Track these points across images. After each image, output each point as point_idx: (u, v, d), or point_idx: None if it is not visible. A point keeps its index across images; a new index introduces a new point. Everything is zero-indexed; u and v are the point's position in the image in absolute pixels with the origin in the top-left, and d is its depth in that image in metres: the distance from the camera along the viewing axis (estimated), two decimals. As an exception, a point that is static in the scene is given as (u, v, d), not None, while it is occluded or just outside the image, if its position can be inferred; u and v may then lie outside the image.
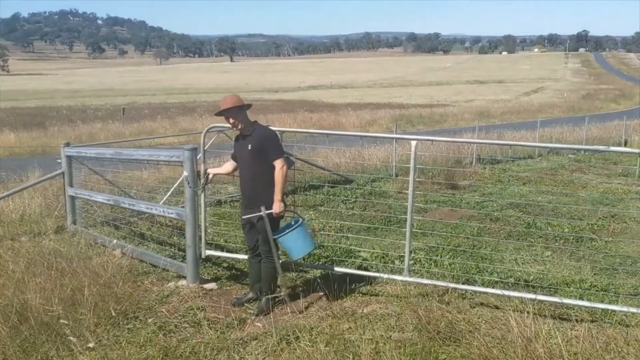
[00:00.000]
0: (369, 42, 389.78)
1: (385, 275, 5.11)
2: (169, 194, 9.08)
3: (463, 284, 5.40)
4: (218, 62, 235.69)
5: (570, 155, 17.58)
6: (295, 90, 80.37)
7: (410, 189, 4.72)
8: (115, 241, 6.71)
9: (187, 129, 23.43)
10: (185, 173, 5.13)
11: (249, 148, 4.77)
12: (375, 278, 5.47)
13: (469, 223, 8.91)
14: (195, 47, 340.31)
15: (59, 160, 7.80)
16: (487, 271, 6.16)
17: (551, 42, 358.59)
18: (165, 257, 5.78)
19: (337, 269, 5.38)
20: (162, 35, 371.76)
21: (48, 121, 26.27)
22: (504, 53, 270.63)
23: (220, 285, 5.54)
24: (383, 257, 6.65)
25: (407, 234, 4.95)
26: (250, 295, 5.12)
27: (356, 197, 10.42)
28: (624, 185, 12.39)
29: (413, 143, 4.63)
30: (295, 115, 30.34)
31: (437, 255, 6.81)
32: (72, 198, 7.69)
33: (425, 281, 4.96)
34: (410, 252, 6.65)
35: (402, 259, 6.64)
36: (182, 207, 5.46)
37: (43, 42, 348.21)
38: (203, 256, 5.57)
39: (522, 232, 8.26)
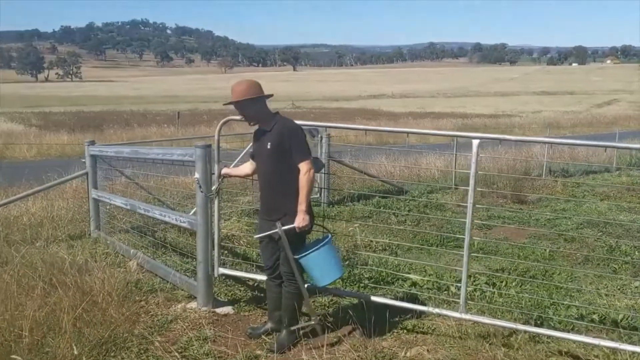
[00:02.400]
0: (433, 52, 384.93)
1: (435, 310, 4.07)
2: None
3: (535, 323, 4.31)
4: (281, 71, 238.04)
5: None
6: (355, 99, 79.54)
7: (470, 201, 3.72)
8: (132, 251, 5.99)
9: (240, 132, 22.97)
10: (196, 174, 4.30)
11: (268, 146, 3.87)
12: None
13: (539, 243, 7.75)
14: (259, 57, 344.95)
15: (83, 160, 7.19)
16: (562, 304, 5.05)
17: (625, 53, 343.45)
18: (176, 272, 4.97)
19: (374, 298, 4.38)
20: (228, 45, 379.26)
21: (106, 124, 26.41)
22: (574, 64, 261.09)
23: (238, 309, 4.65)
24: (436, 283, 5.63)
25: (465, 258, 3.94)
26: (269, 325, 4.22)
27: (409, 210, 9.39)
28: None
29: (475, 142, 3.62)
30: (352, 122, 29.43)
31: (501, 283, 5.72)
32: (96, 201, 7.05)
33: (485, 320, 3.90)
34: (469, 278, 5.66)
35: (458, 286, 5.62)
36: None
37: (115, 50, 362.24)
38: (216, 275, 4.72)
39: (602, 257, 7.04)
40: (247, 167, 4.31)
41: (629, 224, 8.66)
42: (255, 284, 5.31)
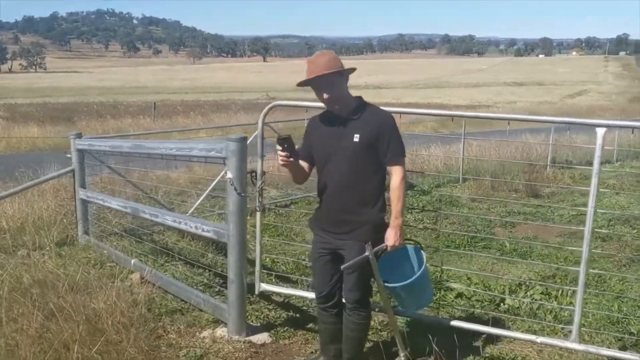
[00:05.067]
0: (402, 44, 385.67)
1: (547, 341, 3.29)
2: (200, 199, 7.49)
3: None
4: (251, 62, 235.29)
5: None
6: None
7: (591, 205, 2.98)
8: (134, 261, 5.13)
9: (220, 124, 22.01)
10: (229, 174, 3.48)
11: (356, 139, 3.03)
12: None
13: (573, 243, 7.12)
14: (228, 47, 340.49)
15: (69, 155, 6.27)
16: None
17: (589, 45, 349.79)
18: (198, 292, 4.14)
19: (458, 323, 3.57)
20: (196, 35, 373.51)
21: (77, 116, 25.09)
22: (540, 56, 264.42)
23: (275, 336, 3.85)
24: (487, 294, 4.91)
25: (579, 293, 3.14)
26: (322, 360, 3.44)
27: (423, 206, 8.69)
28: None
29: (600, 131, 2.89)
30: (288, 109, 28.60)
31: (558, 293, 5.02)
32: (84, 202, 6.16)
33: (609, 352, 3.09)
34: (519, 286, 4.98)
35: (513, 293, 4.90)
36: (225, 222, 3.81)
37: (80, 41, 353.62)
38: (257, 292, 3.92)
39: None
40: (303, 167, 3.32)
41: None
42: (286, 300, 4.53)
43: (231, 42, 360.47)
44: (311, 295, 3.71)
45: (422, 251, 3.31)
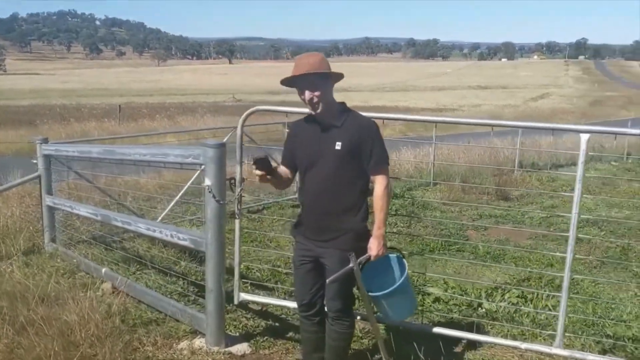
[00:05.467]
0: (368, 47, 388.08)
1: (535, 347, 3.27)
2: (170, 205, 7.34)
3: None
4: (216, 64, 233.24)
5: (612, 163, 15.90)
6: (295, 92, 78.53)
7: (575, 211, 2.99)
8: (104, 270, 4.98)
9: (187, 128, 21.71)
10: (207, 181, 3.38)
11: (338, 147, 2.97)
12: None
13: (544, 245, 7.21)
14: (193, 49, 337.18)
15: (35, 161, 6.06)
16: (625, 324, 4.43)
17: (550, 49, 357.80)
18: (175, 302, 4.02)
19: (442, 330, 3.54)
20: (161, 37, 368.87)
21: (39, 119, 24.41)
22: (503, 60, 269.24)
23: (255, 345, 3.76)
24: (465, 299, 4.91)
25: (563, 300, 3.13)
26: (305, 370, 3.36)
27: (396, 209, 8.68)
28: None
29: (584, 137, 2.89)
30: (268, 115, 28.52)
31: (534, 296, 5.05)
32: (51, 209, 5.96)
33: (592, 357, 3.10)
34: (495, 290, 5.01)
35: (490, 297, 4.92)
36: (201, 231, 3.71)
37: (41, 42, 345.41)
38: (236, 302, 3.82)
39: (619, 259, 6.56)
40: (285, 173, 3.26)
41: (627, 222, 8.27)
42: (264, 309, 4.44)
43: (196, 44, 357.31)
44: (292, 304, 3.63)
45: (403, 260, 3.29)
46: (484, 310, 4.69)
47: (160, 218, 6.95)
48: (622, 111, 55.84)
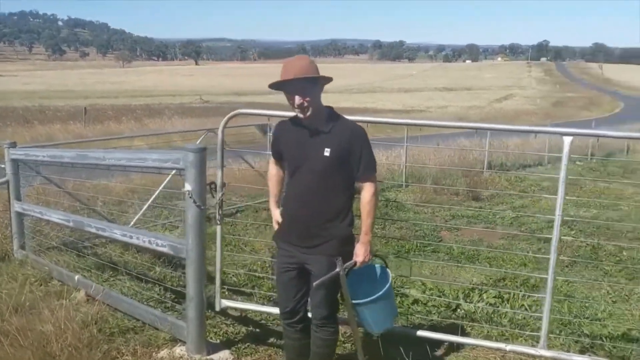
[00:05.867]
0: (335, 49, 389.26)
1: (515, 348, 3.30)
2: (142, 210, 7.20)
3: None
4: (182, 65, 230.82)
5: (578, 163, 16.27)
6: (264, 93, 78.25)
7: (558, 213, 3.02)
8: (77, 277, 4.85)
9: (156, 130, 21.40)
10: (187, 186, 3.32)
11: (326, 153, 2.93)
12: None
13: (516, 245, 7.32)
14: (159, 50, 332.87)
15: (2, 166, 5.88)
16: (598, 322, 4.51)
17: (513, 51, 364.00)
18: (153, 310, 3.94)
19: (425, 334, 3.54)
20: (125, 38, 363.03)
21: (2, 121, 23.75)
22: (467, 61, 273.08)
23: (237, 353, 3.70)
24: (444, 301, 4.94)
25: (547, 300, 3.15)
26: (288, 376, 3.32)
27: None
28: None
29: (567, 140, 2.93)
30: (252, 118, 28.40)
31: (510, 296, 5.10)
32: (20, 215, 5.78)
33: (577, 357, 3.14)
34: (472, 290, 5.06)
35: (468, 298, 4.97)
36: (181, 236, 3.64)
37: (2, 43, 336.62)
38: (218, 309, 3.76)
39: (589, 258, 6.69)
40: (278, 180, 3.31)
41: (595, 222, 8.45)
42: (243, 315, 4.39)
43: (162, 45, 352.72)
44: (275, 310, 3.59)
45: (387, 269, 3.28)
46: (463, 311, 4.73)
47: (132, 223, 6.82)
48: (583, 112, 57.33)
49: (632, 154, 19.17)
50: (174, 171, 6.91)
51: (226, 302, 3.83)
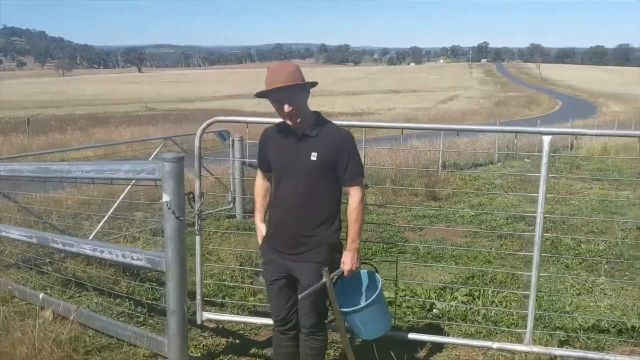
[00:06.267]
0: (280, 53, 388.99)
1: (507, 346, 3.34)
2: (102, 223, 6.96)
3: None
4: (125, 73, 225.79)
5: (525, 160, 16.75)
6: (211, 99, 77.55)
7: (539, 210, 3.08)
8: (42, 295, 4.65)
9: (104, 139, 20.86)
10: (165, 197, 3.22)
11: (313, 158, 2.91)
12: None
13: (479, 242, 7.47)
14: (99, 58, 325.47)
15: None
16: (567, 315, 4.63)
17: (454, 53, 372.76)
18: (132, 327, 3.81)
19: (414, 336, 3.54)
20: (64, 46, 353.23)
21: None
22: (411, 64, 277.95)
23: (220, 365, 3.64)
24: (416, 301, 4.98)
25: (532, 297, 3.20)
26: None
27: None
28: (609, 190, 11.49)
29: (546, 139, 2.99)
30: (227, 125, 28.13)
31: (479, 294, 5.19)
32: (-27, 233, 5.50)
33: (562, 352, 3.20)
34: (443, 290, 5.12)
35: (441, 297, 4.99)
36: (159, 249, 3.54)
37: None
38: (199, 321, 3.67)
39: (550, 252, 6.88)
40: (265, 191, 3.26)
41: (550, 217, 8.69)
42: (220, 326, 4.30)
43: (103, 52, 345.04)
44: (260, 320, 3.54)
45: (377, 275, 3.26)
46: (437, 310, 4.77)
47: (91, 236, 6.60)
48: (525, 110, 59.27)
49: (576, 150, 19.87)
50: (132, 182, 6.82)
51: (208, 315, 3.75)
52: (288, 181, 3.00)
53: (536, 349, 3.24)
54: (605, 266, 6.17)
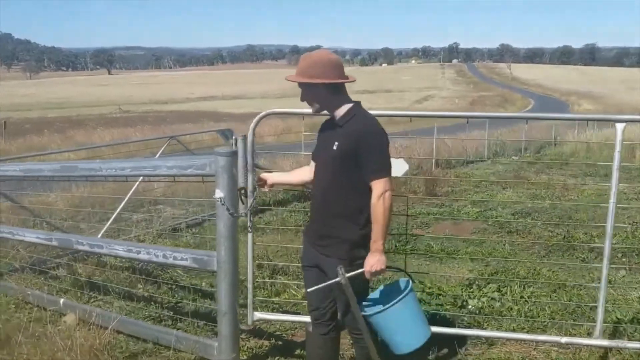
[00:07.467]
0: (252, 55, 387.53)
1: (577, 340, 3.26)
2: (109, 222, 6.75)
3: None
4: (95, 75, 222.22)
5: (513, 157, 16.90)
6: (184, 101, 76.76)
7: (612, 200, 2.99)
8: (63, 300, 4.44)
9: (83, 142, 20.45)
10: (219, 193, 3.07)
11: (334, 147, 2.79)
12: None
13: (490, 238, 7.43)
14: (68, 60, 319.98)
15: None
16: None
17: (426, 54, 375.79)
18: (173, 330, 3.63)
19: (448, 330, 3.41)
20: (31, 49, 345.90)
21: None
22: (384, 65, 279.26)
23: (272, 370, 3.49)
24: (442, 295, 4.91)
25: (604, 274, 3.13)
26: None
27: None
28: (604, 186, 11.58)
29: (619, 126, 2.90)
30: (202, 125, 27.85)
31: (507, 289, 5.12)
32: (-19, 237, 5.25)
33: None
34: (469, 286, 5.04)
35: (471, 294, 4.90)
36: (209, 249, 3.38)
37: None
38: (250, 322, 3.52)
39: (563, 247, 6.86)
40: (305, 172, 3.17)
41: (556, 212, 8.73)
42: (257, 327, 4.15)
43: (71, 54, 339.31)
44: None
45: (409, 281, 2.98)
46: (472, 307, 4.69)
47: (100, 234, 6.38)
48: (500, 109, 59.90)
49: (560, 146, 20.08)
50: (140, 179, 6.62)
51: (259, 315, 3.59)
52: (317, 170, 2.98)
53: (603, 342, 3.17)
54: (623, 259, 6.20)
